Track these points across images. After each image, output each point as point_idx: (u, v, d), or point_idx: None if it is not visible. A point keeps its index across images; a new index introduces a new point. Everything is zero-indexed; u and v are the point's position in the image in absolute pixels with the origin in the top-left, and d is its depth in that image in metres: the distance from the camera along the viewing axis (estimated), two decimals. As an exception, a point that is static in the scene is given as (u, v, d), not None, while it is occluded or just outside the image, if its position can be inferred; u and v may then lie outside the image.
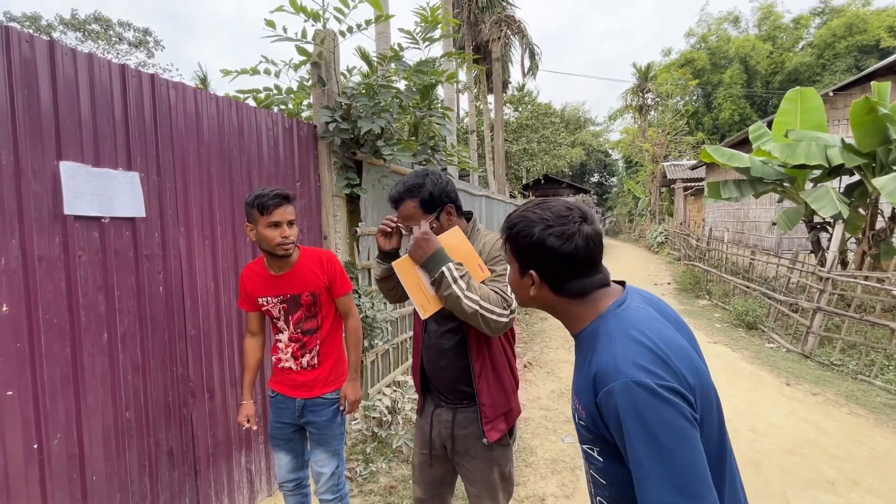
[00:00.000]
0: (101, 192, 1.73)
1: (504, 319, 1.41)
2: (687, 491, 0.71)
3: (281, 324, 1.91)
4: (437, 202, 1.52)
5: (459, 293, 1.37)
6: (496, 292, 1.43)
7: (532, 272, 0.92)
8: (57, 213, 1.61)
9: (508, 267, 1.52)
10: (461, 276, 1.38)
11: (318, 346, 1.92)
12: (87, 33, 22.69)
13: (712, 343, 6.00)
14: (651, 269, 13.77)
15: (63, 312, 1.63)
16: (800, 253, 7.24)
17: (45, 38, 1.58)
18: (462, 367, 1.55)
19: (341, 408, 1.95)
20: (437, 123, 3.01)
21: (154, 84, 1.94)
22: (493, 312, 1.39)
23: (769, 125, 8.14)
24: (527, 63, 16.98)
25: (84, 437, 1.68)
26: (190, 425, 2.12)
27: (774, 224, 7.92)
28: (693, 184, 19.71)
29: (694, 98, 28.91)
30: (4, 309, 1.47)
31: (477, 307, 1.37)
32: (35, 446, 1.54)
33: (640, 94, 27.76)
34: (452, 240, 1.46)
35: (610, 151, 40.13)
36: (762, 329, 6.55)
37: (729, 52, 27.41)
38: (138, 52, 24.09)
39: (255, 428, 2.00)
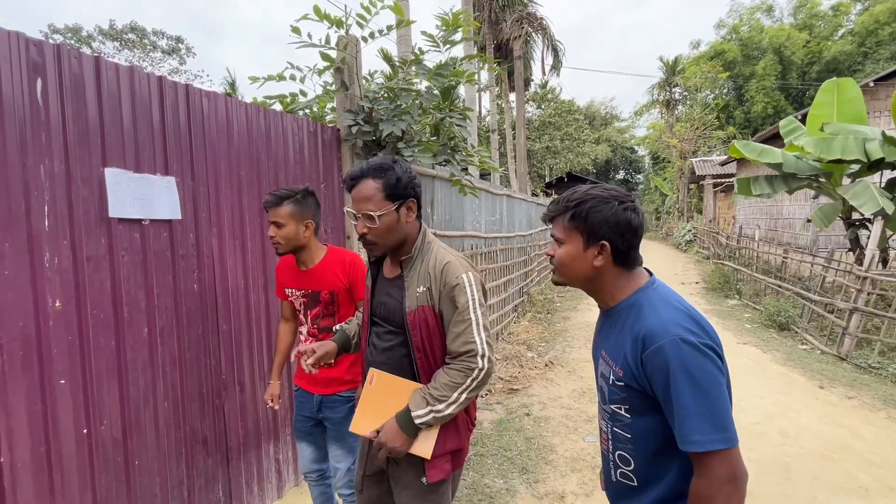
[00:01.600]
0: (141, 196, 1.85)
1: (481, 371, 1.32)
2: (719, 426, 0.89)
3: (301, 317, 2.00)
4: (402, 193, 1.37)
5: (441, 417, 1.32)
6: (461, 334, 1.33)
7: (604, 243, 1.04)
8: (102, 216, 1.73)
9: (477, 292, 1.34)
10: (428, 416, 1.32)
11: None
12: (123, 42, 23.74)
13: (741, 343, 5.83)
14: (678, 269, 13.43)
15: (108, 308, 1.76)
16: (836, 251, 6.95)
17: (91, 54, 1.70)
18: None
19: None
20: (457, 125, 3.06)
21: (188, 94, 2.06)
22: (467, 387, 1.32)
23: (803, 119, 7.83)
24: (549, 60, 16.80)
25: (127, 425, 1.81)
26: (222, 416, 2.23)
27: (809, 221, 7.61)
28: (723, 180, 19.11)
29: (724, 91, 27.97)
30: (57, 304, 1.60)
31: (460, 399, 1.32)
32: (84, 431, 1.67)
33: (667, 88, 27.03)
34: (373, 397, 1.39)
35: (636, 148, 39.25)
36: (795, 330, 6.32)
37: (762, 43, 26.37)
38: (171, 59, 25.06)
39: (276, 407, 2.08)
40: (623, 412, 1.03)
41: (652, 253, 18.92)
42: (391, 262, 1.50)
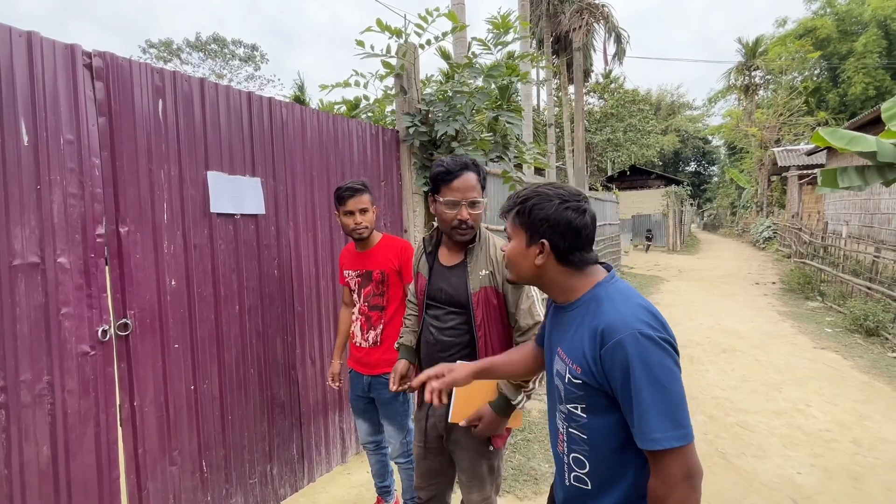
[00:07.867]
0: (234, 194, 2.19)
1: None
2: (677, 422, 0.88)
3: (355, 296, 2.19)
4: (484, 184, 1.62)
5: (531, 393, 1.50)
6: (527, 312, 1.50)
7: (544, 242, 1.04)
8: (205, 211, 2.08)
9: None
10: (523, 397, 1.48)
11: (382, 326, 2.11)
12: (207, 53, 26.05)
13: (818, 348, 5.42)
14: (754, 268, 12.50)
15: (209, 287, 2.11)
16: (942, 250, 6.18)
17: (197, 77, 2.05)
18: None
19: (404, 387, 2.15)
20: (508, 122, 3.18)
21: (271, 105, 2.38)
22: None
23: (906, 101, 6.99)
24: (612, 49, 16.16)
25: (223, 385, 2.17)
26: (296, 385, 2.56)
27: (909, 216, 6.81)
28: (810, 171, 17.37)
29: (815, 73, 25.26)
30: (173, 283, 1.97)
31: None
32: (192, 388, 2.04)
33: (747, 72, 24.93)
34: (465, 390, 1.48)
35: (710, 138, 36.58)
36: (885, 336, 5.74)
37: (863, 16, 23.47)
38: (247, 66, 27.12)
39: (337, 385, 2.30)
40: (579, 411, 1.01)
41: (725, 251, 17.65)
42: (449, 252, 1.64)
